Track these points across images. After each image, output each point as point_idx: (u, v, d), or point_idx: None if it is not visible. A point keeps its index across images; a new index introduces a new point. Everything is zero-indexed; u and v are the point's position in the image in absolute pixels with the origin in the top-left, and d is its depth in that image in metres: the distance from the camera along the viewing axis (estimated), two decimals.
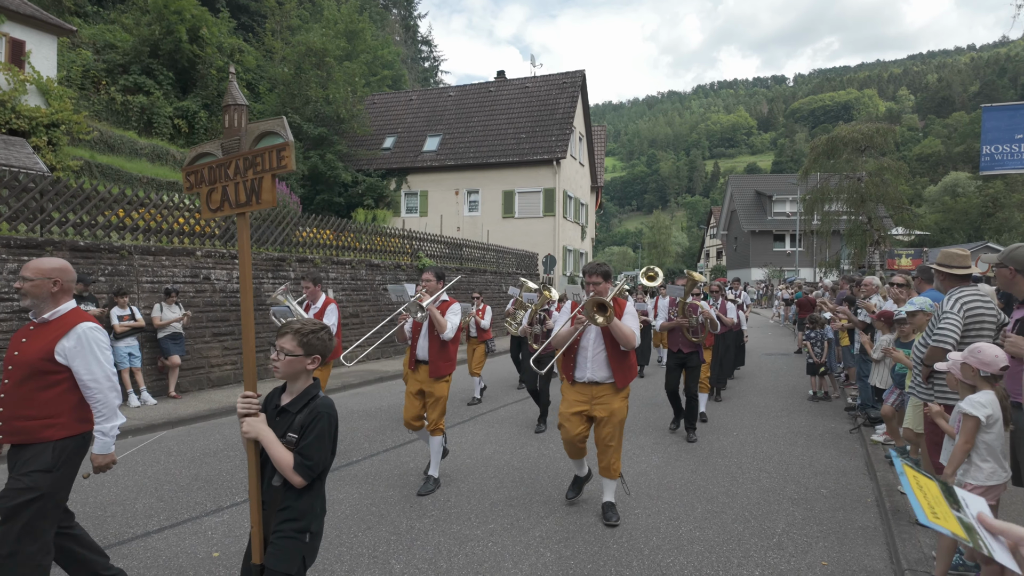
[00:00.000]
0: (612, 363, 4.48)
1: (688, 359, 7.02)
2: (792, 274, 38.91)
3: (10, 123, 15.11)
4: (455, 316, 5.30)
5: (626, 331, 4.35)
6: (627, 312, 4.50)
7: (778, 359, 14.52)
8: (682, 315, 6.93)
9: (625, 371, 4.53)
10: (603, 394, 4.51)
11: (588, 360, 4.51)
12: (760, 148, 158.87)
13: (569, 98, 28.55)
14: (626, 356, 4.53)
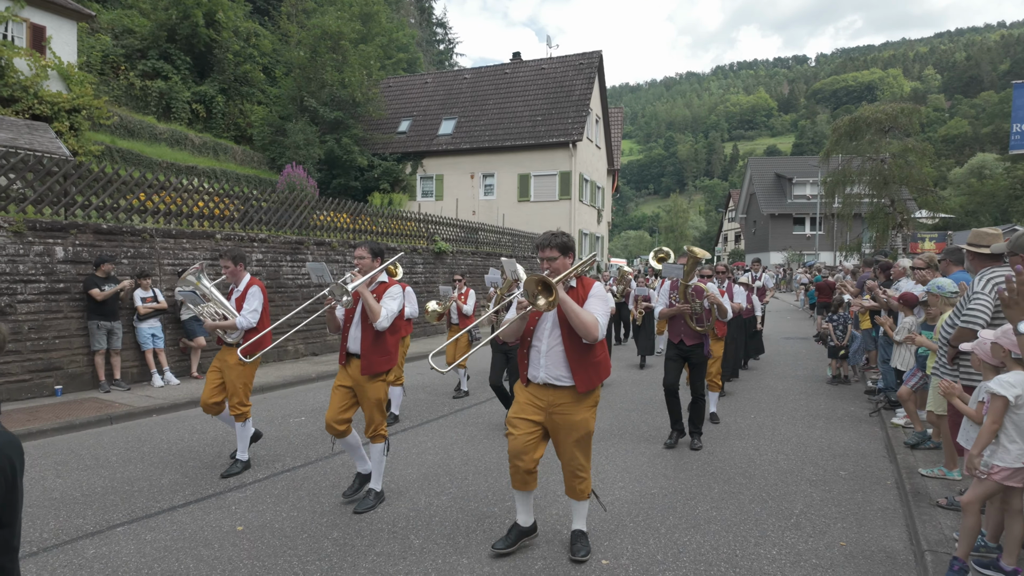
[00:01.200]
0: (571, 360, 3.53)
1: (691, 352, 5.95)
2: (812, 258, 38.40)
3: (33, 108, 15.33)
4: (393, 302, 4.42)
5: (585, 319, 3.39)
6: (593, 295, 3.58)
7: (797, 343, 14.39)
8: (683, 300, 5.83)
9: (588, 371, 3.55)
10: (562, 401, 3.56)
11: (541, 356, 3.59)
12: (780, 130, 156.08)
13: (586, 79, 28.23)
14: (590, 352, 3.57)
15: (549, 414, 3.59)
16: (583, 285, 3.65)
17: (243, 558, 3.69)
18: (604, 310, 3.55)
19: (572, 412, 3.57)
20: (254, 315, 5.19)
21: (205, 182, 10.99)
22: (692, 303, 5.83)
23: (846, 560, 3.72)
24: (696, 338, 5.90)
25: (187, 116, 25.72)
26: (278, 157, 25.65)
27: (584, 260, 3.79)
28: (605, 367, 3.68)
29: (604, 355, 3.67)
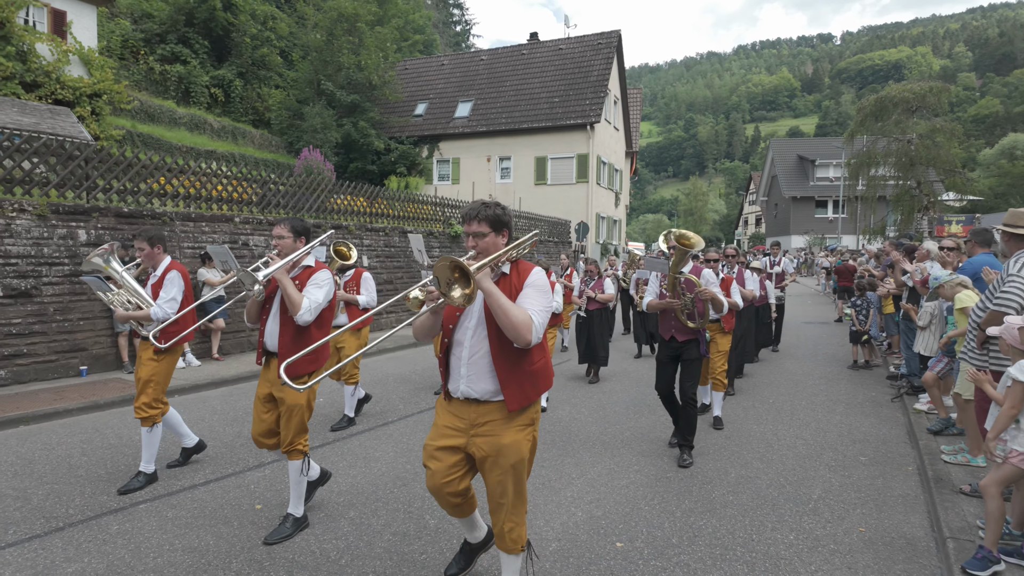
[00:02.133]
0: (499, 369, 2.74)
1: (684, 350, 5.13)
2: (834, 241, 37.74)
3: (55, 93, 15.50)
4: (318, 290, 3.73)
5: (515, 317, 2.60)
6: (530, 285, 2.78)
7: (817, 327, 14.19)
8: (672, 293, 5.07)
9: (522, 383, 2.77)
10: (487, 419, 2.79)
11: (462, 363, 2.80)
12: (803, 111, 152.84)
13: (604, 60, 27.80)
14: (525, 359, 2.77)
15: (471, 436, 2.80)
16: (519, 272, 2.84)
17: (261, 535, 3.75)
18: (542, 305, 2.74)
19: (499, 433, 2.77)
20: (171, 304, 4.51)
21: (224, 166, 11.07)
22: (682, 297, 5.02)
23: (865, 546, 3.68)
24: (688, 334, 5.11)
25: (206, 100, 25.86)
26: (296, 141, 25.73)
27: (522, 239, 2.96)
28: (545, 377, 2.89)
29: (543, 362, 2.89)
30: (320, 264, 3.95)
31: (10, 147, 7.81)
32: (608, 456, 5.27)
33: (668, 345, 5.21)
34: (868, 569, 3.41)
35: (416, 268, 14.41)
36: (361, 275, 6.27)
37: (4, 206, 7.44)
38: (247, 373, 8.49)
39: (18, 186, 7.90)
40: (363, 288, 6.21)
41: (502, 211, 2.87)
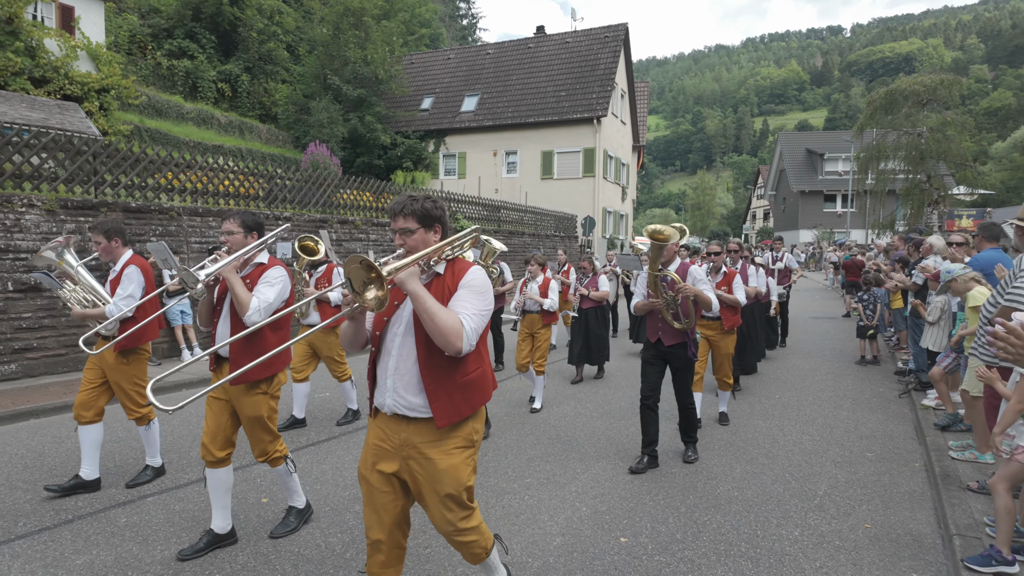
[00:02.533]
0: (427, 380, 2.43)
1: (672, 355, 4.81)
2: (843, 236, 37.49)
3: (64, 89, 15.58)
4: (270, 289, 3.44)
5: (443, 322, 2.29)
6: (465, 286, 2.47)
7: (825, 322, 14.12)
8: (654, 293, 4.70)
9: (453, 396, 2.45)
10: (417, 440, 2.46)
11: (388, 374, 2.48)
12: (812, 104, 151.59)
13: (611, 53, 27.65)
14: (457, 369, 2.46)
15: (403, 459, 2.48)
16: (453, 272, 2.53)
17: (268, 528, 3.78)
18: (476, 308, 2.42)
19: (433, 456, 2.43)
20: (128, 302, 4.14)
21: (231, 161, 11.11)
22: (664, 295, 4.67)
23: (870, 543, 3.66)
24: (676, 336, 4.74)
25: (213, 95, 25.94)
26: (302, 136, 25.78)
27: (458, 235, 2.62)
28: (481, 390, 2.56)
29: (480, 371, 2.55)
30: (275, 261, 3.64)
31: (19, 142, 7.86)
32: (612, 452, 5.27)
33: (654, 347, 4.88)
34: (873, 566, 3.40)
35: None
36: (333, 271, 5.92)
37: (14, 201, 7.50)
38: None
39: (27, 181, 7.96)
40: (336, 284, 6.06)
41: (432, 205, 2.56)
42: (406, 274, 2.32)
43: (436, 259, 2.55)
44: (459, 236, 2.62)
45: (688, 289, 4.57)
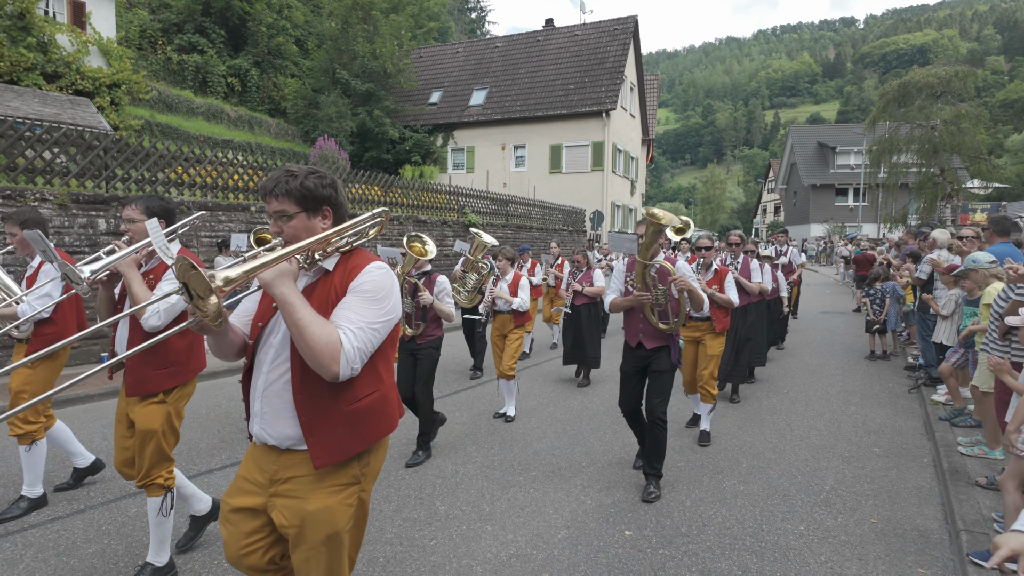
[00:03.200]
0: (301, 407, 1.94)
1: (653, 359, 4.19)
2: (854, 230, 37.15)
3: (75, 84, 15.71)
4: (172, 287, 2.67)
5: (312, 337, 1.79)
6: (355, 290, 1.95)
7: (835, 317, 14.01)
8: (641, 286, 4.08)
9: (334, 429, 1.95)
10: (290, 475, 2.00)
11: (257, 396, 2.03)
12: (824, 97, 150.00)
13: (620, 46, 27.48)
14: (344, 395, 1.95)
15: (270, 496, 2.00)
16: (346, 270, 2.00)
17: None
18: (364, 320, 1.89)
19: (304, 494, 1.96)
20: (43, 300, 3.63)
21: (240, 155, 11.16)
22: (653, 291, 4.07)
23: (876, 537, 3.65)
24: (659, 339, 4.17)
25: (223, 90, 26.03)
26: (311, 130, 25.84)
27: (355, 222, 2.07)
28: (377, 420, 2.02)
29: (377, 397, 2.01)
30: (186, 252, 2.92)
31: (32, 137, 7.94)
32: (619, 446, 5.27)
33: (634, 353, 4.26)
34: (879, 560, 3.39)
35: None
36: None
37: (27, 195, 7.58)
38: None
39: (40, 176, 8.04)
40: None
41: (318, 182, 1.99)
42: (273, 273, 1.82)
43: (323, 252, 2.01)
44: (357, 221, 2.07)
45: (683, 282, 3.97)
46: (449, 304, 4.90)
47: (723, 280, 5.37)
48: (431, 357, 4.93)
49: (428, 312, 4.87)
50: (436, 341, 4.98)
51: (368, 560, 3.36)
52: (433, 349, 4.95)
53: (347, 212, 2.12)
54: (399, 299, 2.05)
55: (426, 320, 4.87)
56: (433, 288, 4.86)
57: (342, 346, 1.83)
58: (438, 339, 4.99)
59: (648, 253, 4.03)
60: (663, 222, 3.89)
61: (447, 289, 4.90)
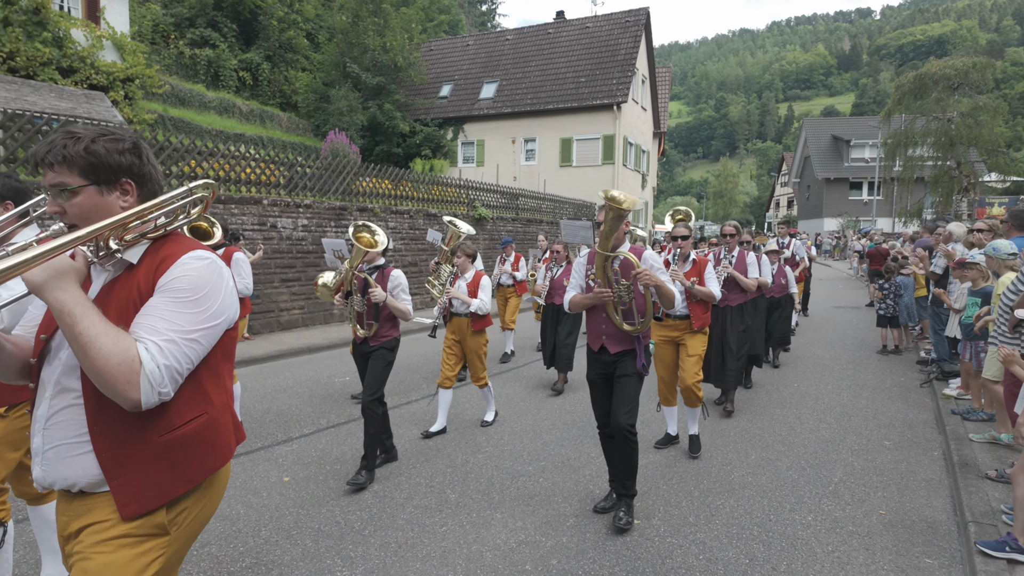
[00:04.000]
0: (99, 443, 1.50)
1: (618, 364, 3.68)
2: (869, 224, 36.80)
3: (90, 78, 15.86)
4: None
5: (98, 355, 1.36)
6: (165, 289, 1.52)
7: (847, 312, 13.92)
8: (603, 282, 3.56)
9: (144, 468, 1.52)
10: (84, 523, 1.53)
11: (39, 429, 1.54)
12: (839, 89, 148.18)
13: (632, 38, 27.31)
14: (156, 423, 1.52)
15: (66, 554, 1.59)
16: (155, 263, 1.56)
17: (289, 506, 3.89)
18: (177, 327, 1.48)
19: (90, 551, 1.50)
20: None
21: (252, 149, 11.27)
22: (615, 286, 3.55)
23: (884, 528, 3.66)
24: (624, 342, 3.65)
25: (234, 84, 26.20)
26: (322, 124, 25.95)
27: (167, 198, 1.60)
28: (205, 452, 1.62)
29: (203, 422, 1.61)
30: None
31: (49, 132, 8.06)
32: None
33: (597, 359, 3.76)
34: (886, 551, 3.40)
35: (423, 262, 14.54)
36: (231, 256, 5.17)
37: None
38: (276, 352, 8.72)
39: None
40: (236, 273, 5.06)
41: (112, 144, 1.53)
42: (44, 273, 1.36)
43: (121, 240, 1.53)
44: (169, 198, 1.60)
45: (649, 276, 3.42)
46: (405, 301, 4.38)
47: (702, 272, 4.85)
48: (384, 359, 4.39)
49: (381, 311, 4.37)
50: (391, 343, 4.46)
51: (380, 545, 3.42)
52: (387, 351, 4.42)
53: (160, 186, 1.64)
54: (230, 297, 1.63)
55: (379, 319, 4.37)
56: (387, 283, 4.35)
57: (142, 365, 1.40)
58: (394, 340, 4.48)
59: (609, 243, 3.46)
60: (624, 206, 3.32)
61: (402, 284, 4.40)
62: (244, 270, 5.08)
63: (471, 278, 5.42)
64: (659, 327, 4.85)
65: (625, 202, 3.32)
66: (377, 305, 4.32)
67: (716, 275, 5.17)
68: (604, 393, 3.80)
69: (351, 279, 4.38)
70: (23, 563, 3.20)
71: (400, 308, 4.33)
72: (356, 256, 4.28)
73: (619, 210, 3.34)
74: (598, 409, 3.86)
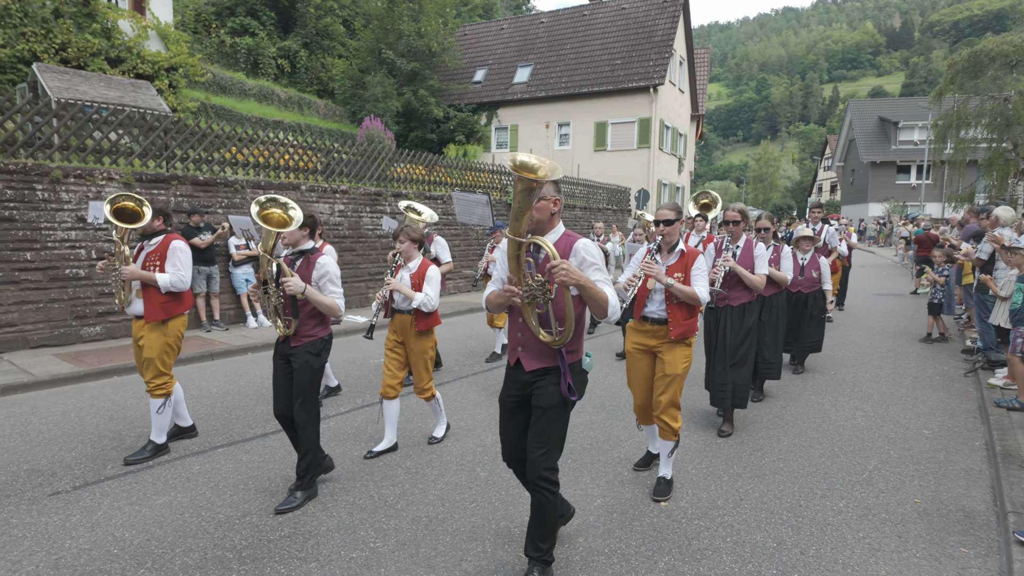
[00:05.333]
0: None
1: (537, 388, 2.83)
2: (916, 209, 35.41)
3: (136, 68, 16.37)
4: None
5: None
6: None
7: (890, 300, 13.51)
8: (516, 277, 2.70)
9: None
10: None
11: None
12: (888, 69, 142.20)
13: (669, 19, 26.73)
14: None
15: None
16: None
17: (324, 480, 4.04)
18: None
19: None
20: None
21: (290, 135, 11.50)
22: (527, 281, 2.65)
23: (919, 517, 3.60)
24: (544, 357, 2.79)
25: (273, 71, 26.65)
26: (358, 110, 26.23)
27: None
28: None
29: None
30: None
31: (99, 120, 8.39)
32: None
33: (513, 376, 2.92)
34: (919, 539, 3.35)
35: (473, 236, 14.62)
36: (169, 244, 4.43)
37: (95, 175, 8.03)
38: None
39: (106, 156, 8.50)
40: (171, 263, 4.39)
41: None
42: None
43: None
44: None
45: (566, 272, 2.47)
46: (334, 294, 3.73)
47: (689, 265, 3.87)
48: (308, 367, 3.66)
49: (303, 306, 3.69)
50: (316, 344, 3.72)
51: (412, 519, 3.53)
52: (312, 355, 3.69)
53: None
54: None
55: (300, 315, 3.69)
56: (311, 272, 3.69)
57: None
58: (319, 341, 3.74)
59: (521, 225, 2.55)
60: (539, 174, 2.42)
61: (330, 274, 3.71)
62: (181, 260, 4.42)
63: (416, 268, 4.47)
64: (633, 332, 3.99)
65: (540, 169, 2.42)
66: (295, 298, 3.65)
67: (716, 270, 4.76)
68: (516, 421, 2.93)
69: (265, 265, 3.66)
70: None
71: (324, 302, 3.64)
72: (267, 238, 3.60)
73: (529, 181, 2.43)
74: (506, 443, 2.98)
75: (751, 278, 4.82)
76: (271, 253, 3.64)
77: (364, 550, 3.19)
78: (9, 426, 5.05)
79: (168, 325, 4.42)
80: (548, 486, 2.77)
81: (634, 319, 4.02)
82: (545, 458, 2.77)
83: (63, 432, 4.92)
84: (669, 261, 3.96)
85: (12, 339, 7.30)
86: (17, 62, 14.06)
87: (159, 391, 4.41)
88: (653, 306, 3.93)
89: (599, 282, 2.66)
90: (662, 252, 4.01)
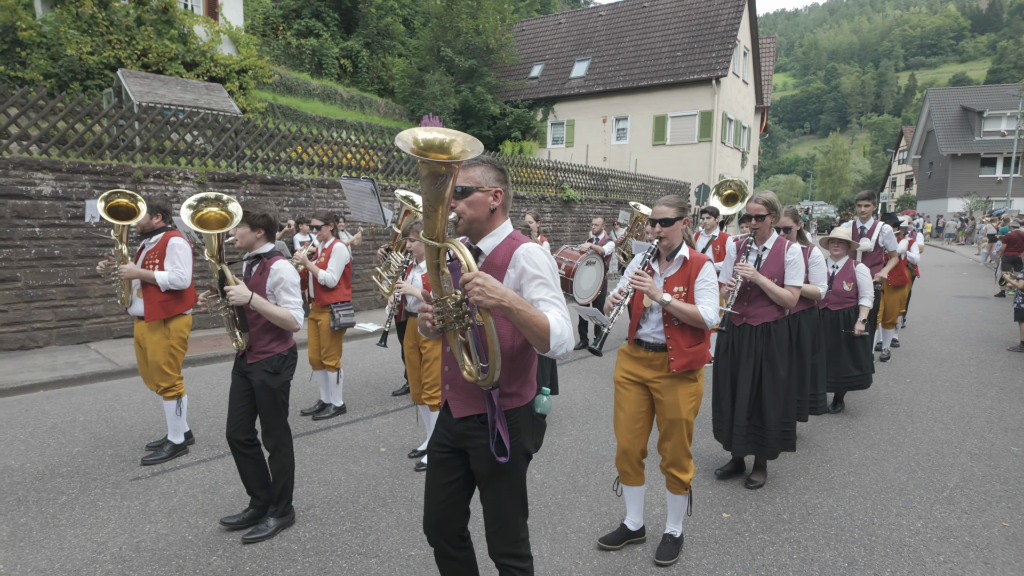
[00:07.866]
0: None
1: (469, 438, 2.13)
2: (1002, 205, 33.04)
3: (210, 71, 17.17)
4: None
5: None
6: None
7: (971, 302, 12.66)
8: (436, 291, 1.97)
9: None
10: None
11: None
12: (972, 55, 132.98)
13: (733, 8, 25.86)
14: None
15: None
16: None
17: (385, 476, 4.13)
18: None
19: None
20: None
21: (352, 135, 11.79)
22: (446, 297, 1.96)
23: (1007, 542, 3.36)
24: (472, 402, 2.12)
25: (336, 72, 27.41)
26: (417, 108, 26.65)
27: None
28: None
29: None
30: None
31: (176, 122, 8.84)
32: None
33: (444, 423, 2.25)
34: (1008, 566, 3.12)
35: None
36: (168, 241, 4.30)
37: (172, 175, 8.48)
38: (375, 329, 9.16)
39: (183, 156, 8.95)
40: (169, 260, 4.27)
41: None
42: None
43: None
44: None
45: (483, 289, 1.77)
46: (289, 304, 3.26)
47: (692, 278, 3.03)
48: (266, 387, 3.26)
49: (254, 319, 3.28)
50: (273, 361, 3.29)
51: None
52: (269, 374, 3.27)
53: None
54: None
55: (249, 328, 3.29)
56: (266, 279, 3.26)
57: None
58: (277, 358, 3.30)
59: (436, 224, 1.86)
60: (454, 154, 1.76)
61: (286, 282, 3.26)
62: (181, 258, 4.28)
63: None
64: (625, 358, 3.19)
65: (453, 145, 1.78)
66: (242, 310, 3.27)
67: (731, 281, 3.77)
68: (443, 478, 2.22)
69: (215, 271, 3.29)
70: None
71: (275, 314, 3.19)
72: (209, 243, 3.24)
73: (435, 165, 1.74)
74: (429, 505, 2.26)
75: (779, 292, 3.73)
76: (218, 257, 3.28)
77: (423, 548, 3.24)
78: (96, 412, 5.41)
79: (169, 325, 4.33)
80: (515, 562, 2.18)
81: (627, 343, 3.19)
82: (503, 534, 2.17)
83: (143, 419, 5.22)
84: (668, 271, 3.08)
85: (98, 329, 7.80)
86: (104, 68, 14.99)
87: (170, 393, 4.38)
88: (648, 327, 3.04)
89: (540, 302, 1.96)
90: (660, 259, 3.14)
